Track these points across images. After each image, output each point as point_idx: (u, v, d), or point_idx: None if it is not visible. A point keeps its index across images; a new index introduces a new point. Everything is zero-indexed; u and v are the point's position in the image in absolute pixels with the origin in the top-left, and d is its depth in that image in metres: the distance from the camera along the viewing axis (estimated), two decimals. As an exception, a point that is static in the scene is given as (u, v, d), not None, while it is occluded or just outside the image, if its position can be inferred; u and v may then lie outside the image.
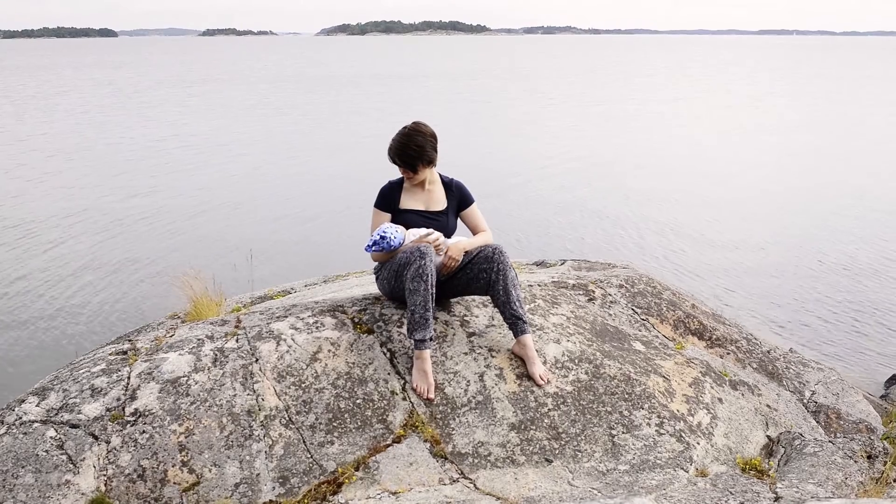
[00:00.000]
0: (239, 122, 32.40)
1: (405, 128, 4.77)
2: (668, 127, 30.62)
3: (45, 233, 14.24)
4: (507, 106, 39.41)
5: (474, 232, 4.96)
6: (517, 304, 4.55)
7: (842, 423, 5.08)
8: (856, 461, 4.23)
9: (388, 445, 4.09)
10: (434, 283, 4.44)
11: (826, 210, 16.41)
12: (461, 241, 4.76)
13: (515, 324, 4.56)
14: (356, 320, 4.79)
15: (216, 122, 32.52)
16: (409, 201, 4.86)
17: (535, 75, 67.36)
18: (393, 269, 4.65)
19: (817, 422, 5.06)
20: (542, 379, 4.47)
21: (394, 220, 4.80)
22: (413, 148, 4.69)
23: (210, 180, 19.63)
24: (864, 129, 29.87)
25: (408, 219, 4.80)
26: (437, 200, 4.91)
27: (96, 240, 13.86)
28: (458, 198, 4.95)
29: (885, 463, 4.27)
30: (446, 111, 35.75)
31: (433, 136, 4.76)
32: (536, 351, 4.61)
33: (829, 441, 4.50)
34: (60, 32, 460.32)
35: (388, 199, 4.85)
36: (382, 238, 4.60)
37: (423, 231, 4.71)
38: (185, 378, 4.25)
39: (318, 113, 35.66)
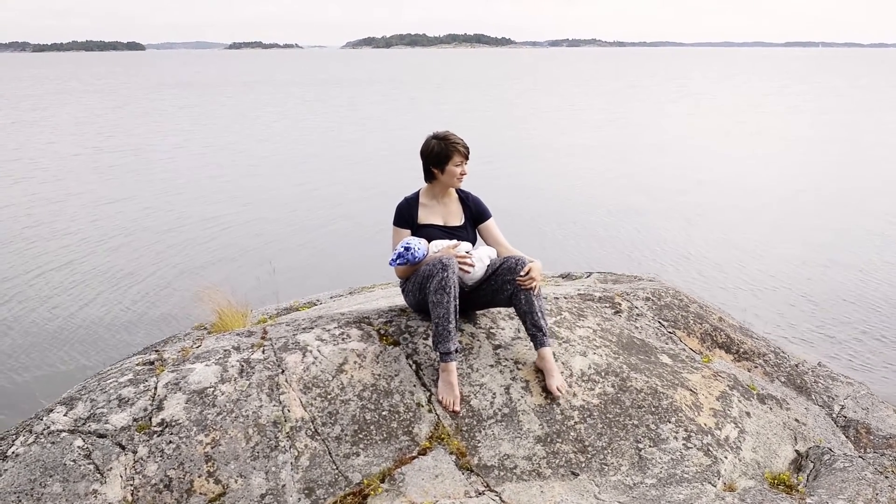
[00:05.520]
0: (257, 132, 32.58)
1: (436, 133, 4.81)
2: (693, 137, 30.46)
3: (69, 247, 14.37)
4: (524, 116, 39.39)
5: (497, 251, 4.89)
6: (539, 315, 4.53)
7: (872, 438, 5.01)
8: (886, 477, 4.17)
9: (414, 457, 4.09)
10: (457, 295, 4.44)
11: (856, 222, 16.21)
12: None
13: (535, 336, 4.54)
14: (382, 332, 4.80)
15: (233, 133, 32.71)
16: (427, 216, 4.87)
17: (563, 84, 67.36)
18: (417, 281, 4.65)
19: (847, 437, 4.99)
20: (557, 391, 4.44)
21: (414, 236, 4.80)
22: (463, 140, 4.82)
23: (231, 191, 19.75)
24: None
25: (427, 234, 4.81)
26: (455, 215, 4.92)
27: (118, 253, 13.96)
28: (475, 212, 4.96)
29: (918, 479, 4.20)
30: (453, 121, 35.76)
31: None
32: (563, 363, 4.59)
33: (859, 456, 4.44)
34: (89, 46, 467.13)
35: (406, 216, 4.86)
36: (407, 250, 4.60)
37: (448, 242, 4.71)
38: (212, 389, 4.27)
39: (341, 122, 35.82)
